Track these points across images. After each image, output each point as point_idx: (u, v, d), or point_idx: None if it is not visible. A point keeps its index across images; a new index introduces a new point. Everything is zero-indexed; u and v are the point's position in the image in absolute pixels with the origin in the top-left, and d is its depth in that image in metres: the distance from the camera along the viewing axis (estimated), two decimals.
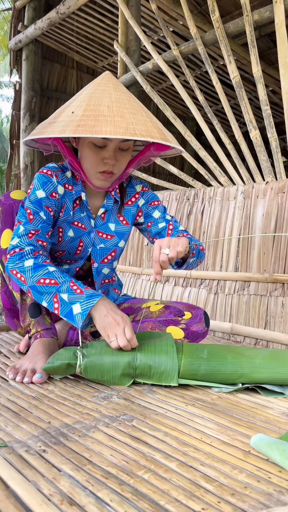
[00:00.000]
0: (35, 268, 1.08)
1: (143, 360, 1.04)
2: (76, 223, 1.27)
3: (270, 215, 1.81)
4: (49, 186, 1.19)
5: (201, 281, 2.06)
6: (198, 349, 1.09)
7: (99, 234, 1.31)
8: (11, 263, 1.10)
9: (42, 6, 4.09)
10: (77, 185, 1.25)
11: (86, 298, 1.04)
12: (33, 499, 0.55)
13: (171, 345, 1.08)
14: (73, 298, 1.04)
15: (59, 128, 1.04)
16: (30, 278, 1.07)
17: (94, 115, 1.03)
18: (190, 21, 2.39)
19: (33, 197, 1.17)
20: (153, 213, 1.37)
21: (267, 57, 4.36)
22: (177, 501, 0.56)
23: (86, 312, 1.02)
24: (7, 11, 8.64)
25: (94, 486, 0.59)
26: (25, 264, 1.09)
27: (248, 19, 2.08)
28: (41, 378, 1.06)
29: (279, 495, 0.58)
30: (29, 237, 1.13)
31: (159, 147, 1.23)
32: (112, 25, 3.80)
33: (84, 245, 1.30)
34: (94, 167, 1.15)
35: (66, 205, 1.24)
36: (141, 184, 1.38)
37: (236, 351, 1.10)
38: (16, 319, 1.39)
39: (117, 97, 1.09)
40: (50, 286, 1.06)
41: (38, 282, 1.07)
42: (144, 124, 1.06)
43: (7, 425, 0.79)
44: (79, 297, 1.04)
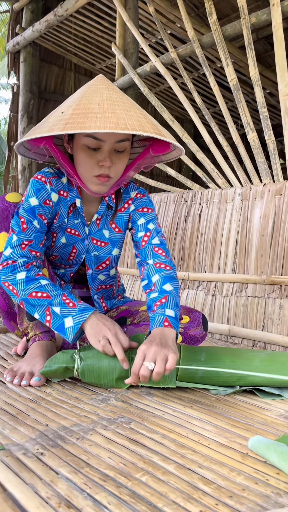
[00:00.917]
0: (27, 282, 1.07)
1: None
2: (69, 230, 1.24)
3: (267, 217, 1.81)
4: (42, 194, 1.15)
5: (199, 283, 2.06)
6: (196, 352, 1.09)
7: (94, 241, 1.28)
8: (3, 275, 1.09)
9: (40, 8, 4.10)
10: (73, 191, 1.21)
11: (78, 312, 1.03)
12: (30, 502, 0.54)
13: None
14: (66, 312, 1.03)
15: (47, 128, 1.01)
16: (22, 291, 1.06)
17: (84, 113, 0.98)
18: (187, 24, 2.40)
19: (26, 204, 1.14)
20: (138, 219, 1.28)
21: (264, 59, 4.38)
22: (175, 503, 0.56)
23: (78, 326, 1.01)
24: (5, 13, 8.64)
25: (92, 488, 0.58)
26: (17, 276, 1.07)
27: (245, 22, 2.09)
28: (39, 381, 1.05)
29: (276, 497, 0.58)
30: (22, 248, 1.11)
31: (158, 148, 1.17)
32: (110, 27, 3.81)
33: (77, 251, 1.28)
34: (89, 171, 1.10)
35: (61, 212, 1.21)
36: (137, 191, 1.31)
37: (234, 354, 1.10)
38: (13, 321, 1.39)
39: (109, 96, 1.04)
40: (42, 299, 1.05)
41: (30, 295, 1.06)
42: (137, 119, 1.00)
43: (5, 428, 0.78)
44: (72, 310, 1.03)
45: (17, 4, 4.01)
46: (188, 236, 2.16)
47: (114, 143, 1.07)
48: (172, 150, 1.21)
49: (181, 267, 2.17)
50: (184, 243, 2.17)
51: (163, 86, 4.76)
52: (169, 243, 2.26)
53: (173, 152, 1.23)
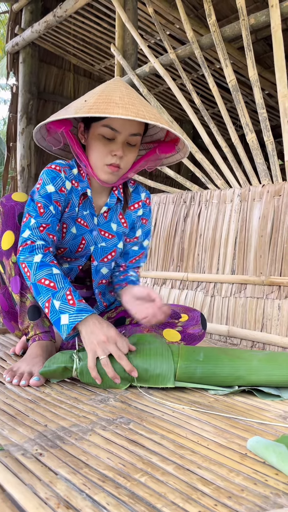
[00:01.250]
0: (41, 266, 1.09)
1: (139, 364, 1.04)
2: (79, 220, 1.27)
3: (266, 218, 1.82)
4: (58, 181, 1.19)
5: (197, 284, 2.06)
6: (195, 351, 1.09)
7: (101, 233, 1.31)
8: (23, 256, 1.11)
9: (39, 9, 4.10)
10: (83, 181, 1.25)
11: (76, 311, 1.03)
12: (29, 503, 0.54)
13: (166, 348, 1.07)
14: (64, 308, 1.03)
15: (73, 111, 1.08)
16: (34, 275, 1.08)
17: (106, 101, 1.06)
18: (186, 25, 2.40)
19: (43, 191, 1.17)
20: (137, 230, 1.38)
21: (263, 60, 4.38)
22: (174, 504, 0.56)
23: (72, 326, 1.01)
24: (4, 14, 8.64)
25: (91, 489, 0.58)
26: (34, 259, 1.10)
27: (244, 23, 2.09)
28: (38, 381, 1.05)
29: (275, 497, 0.58)
30: (40, 230, 1.14)
31: (164, 149, 1.25)
32: (109, 28, 3.81)
33: (86, 243, 1.30)
34: (101, 159, 1.16)
35: (72, 201, 1.25)
36: (146, 193, 1.39)
37: (233, 354, 1.10)
38: (13, 321, 1.38)
39: (128, 92, 1.12)
40: (48, 289, 1.06)
41: (39, 281, 1.07)
42: (153, 114, 1.09)
43: (4, 428, 0.78)
44: (70, 308, 1.03)
45: (16, 4, 4.01)
46: (187, 236, 2.16)
47: (128, 135, 1.15)
48: (176, 152, 1.28)
49: (180, 267, 2.17)
50: (183, 244, 2.17)
51: (162, 87, 4.77)
52: (167, 244, 2.26)
53: (176, 155, 1.30)
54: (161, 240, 2.30)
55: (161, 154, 1.26)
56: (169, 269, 2.23)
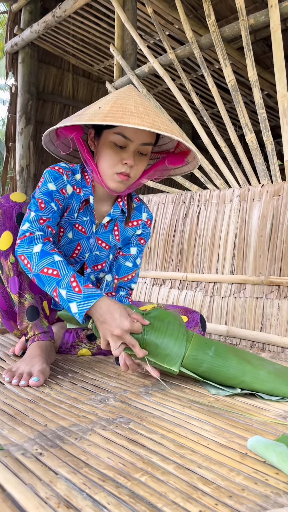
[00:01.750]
0: (41, 255, 1.07)
1: (152, 338, 1.03)
2: (77, 225, 1.27)
3: (265, 218, 1.82)
4: (60, 182, 1.19)
5: (197, 284, 2.06)
6: (207, 344, 1.07)
7: (98, 242, 1.32)
8: (21, 248, 1.10)
9: (38, 9, 4.10)
10: (87, 188, 1.25)
11: (83, 298, 1.01)
12: (29, 502, 0.54)
13: (182, 332, 1.06)
14: (71, 297, 1.02)
15: (87, 117, 1.06)
16: (36, 265, 1.06)
17: (121, 110, 1.05)
18: (186, 25, 2.40)
19: (44, 188, 1.17)
20: (132, 247, 1.38)
21: (262, 61, 4.39)
22: (174, 503, 0.56)
23: (83, 314, 1.00)
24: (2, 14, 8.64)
25: (91, 489, 0.58)
26: (33, 249, 1.08)
27: (243, 24, 2.09)
28: (38, 381, 1.05)
29: (276, 497, 0.58)
30: (40, 223, 1.13)
31: (174, 160, 1.24)
32: (108, 28, 3.81)
33: (81, 249, 1.29)
34: (112, 168, 1.15)
35: (72, 206, 1.24)
36: (148, 215, 1.39)
37: (243, 357, 1.08)
38: (12, 321, 1.38)
39: (142, 102, 1.12)
40: (52, 278, 1.04)
41: (42, 271, 1.06)
42: (168, 125, 1.08)
43: (3, 428, 0.78)
44: (77, 296, 1.02)
45: (16, 5, 4.01)
46: (186, 237, 2.16)
47: (140, 144, 1.14)
48: (185, 164, 1.27)
49: (179, 268, 2.17)
50: (183, 244, 2.17)
51: (161, 87, 4.77)
52: (167, 244, 2.26)
53: (184, 167, 1.29)
54: (160, 240, 2.30)
55: (170, 165, 1.25)
56: (168, 269, 2.23)
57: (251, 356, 1.11)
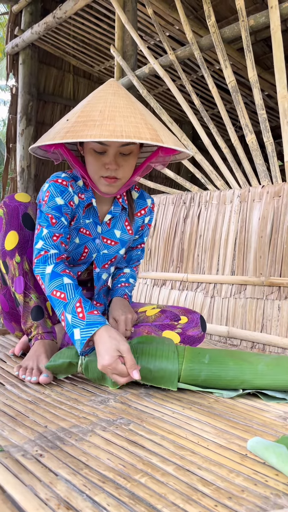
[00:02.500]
0: (52, 277, 1.08)
1: (143, 363, 1.04)
2: (82, 229, 1.27)
3: (266, 218, 1.82)
4: (66, 195, 1.19)
5: (197, 285, 2.06)
6: (200, 353, 1.08)
7: (104, 240, 1.32)
8: (37, 268, 1.11)
9: (38, 10, 4.10)
10: (88, 191, 1.26)
11: (86, 325, 1.00)
12: (29, 504, 0.54)
13: (172, 350, 1.07)
14: (75, 322, 1.02)
15: (51, 136, 1.06)
16: (48, 287, 1.08)
17: (84, 121, 1.02)
18: (186, 26, 2.41)
19: (52, 203, 1.17)
20: (145, 237, 1.46)
21: (262, 62, 4.39)
22: (174, 505, 0.56)
23: (84, 341, 0.99)
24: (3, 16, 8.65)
25: (91, 490, 0.58)
26: (46, 270, 1.10)
27: (244, 24, 2.09)
28: (47, 377, 1.06)
29: (276, 498, 0.58)
30: (53, 240, 1.14)
31: (167, 150, 1.21)
32: (108, 29, 3.81)
33: (88, 251, 1.30)
34: (97, 173, 1.15)
35: (78, 214, 1.25)
36: (151, 200, 1.42)
37: (239, 357, 1.08)
38: (14, 322, 1.39)
39: (113, 102, 1.07)
40: (60, 301, 1.05)
41: (52, 293, 1.07)
42: (134, 126, 1.02)
43: (4, 430, 0.78)
44: (80, 322, 1.01)
45: (16, 6, 4.02)
46: (186, 237, 2.16)
47: (119, 147, 1.11)
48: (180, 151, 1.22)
49: (179, 268, 2.17)
50: (183, 245, 2.17)
51: (161, 88, 4.77)
52: (167, 245, 2.26)
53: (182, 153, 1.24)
54: (161, 241, 2.30)
55: (165, 155, 1.22)
56: (169, 270, 2.23)
57: (247, 354, 1.12)
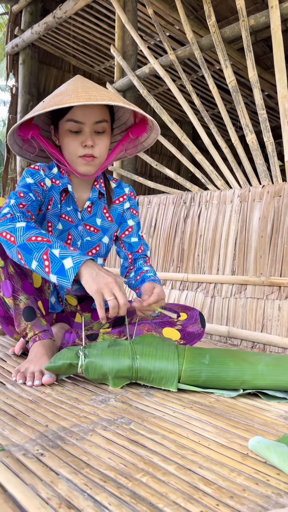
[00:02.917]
0: (27, 228, 1.05)
1: (143, 364, 1.04)
2: (63, 216, 1.31)
3: (266, 218, 1.82)
4: (37, 176, 1.25)
5: (198, 285, 2.06)
6: (200, 354, 1.08)
7: (86, 227, 1.36)
8: (2, 226, 1.07)
9: (38, 10, 4.10)
10: (63, 178, 1.30)
11: (79, 254, 1.01)
12: (31, 503, 0.54)
13: (172, 351, 1.07)
14: (65, 253, 1.00)
15: (30, 113, 1.14)
16: (21, 236, 1.03)
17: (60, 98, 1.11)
18: (186, 26, 2.41)
19: (22, 183, 1.22)
20: (128, 220, 1.44)
21: (263, 62, 4.39)
22: (175, 504, 0.56)
23: (78, 265, 0.98)
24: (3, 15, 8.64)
25: (92, 489, 0.58)
26: (17, 225, 1.06)
27: (244, 24, 2.09)
28: (51, 378, 1.05)
29: (277, 497, 0.58)
30: (19, 207, 1.14)
31: (137, 130, 1.30)
32: (108, 29, 3.82)
33: (72, 237, 1.34)
34: (74, 153, 1.20)
35: (54, 198, 1.29)
36: (129, 188, 1.46)
37: (239, 357, 1.08)
38: (11, 325, 1.38)
39: (83, 85, 1.17)
40: (41, 243, 1.02)
41: (29, 239, 1.03)
42: (107, 96, 1.12)
43: (4, 429, 0.78)
44: (72, 252, 1.01)
45: (16, 6, 4.02)
46: (187, 237, 2.16)
47: (93, 124, 1.19)
48: (149, 131, 1.33)
49: (180, 268, 2.17)
50: (183, 245, 2.17)
51: (162, 88, 4.77)
52: (167, 245, 2.26)
53: (151, 135, 1.34)
54: (161, 241, 2.30)
55: (135, 136, 1.30)
56: (169, 270, 2.23)
57: (247, 354, 1.12)
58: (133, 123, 1.34)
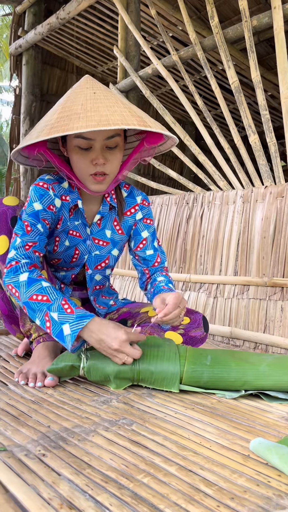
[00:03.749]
0: (29, 283, 1.05)
1: (145, 365, 1.04)
2: (71, 231, 1.25)
3: (269, 219, 1.81)
4: (46, 199, 1.16)
5: (200, 285, 2.06)
6: (202, 355, 1.08)
7: (95, 241, 1.29)
8: (7, 278, 1.09)
9: (42, 11, 4.12)
10: (73, 193, 1.23)
11: (76, 319, 1.00)
12: (32, 503, 0.55)
13: (174, 351, 1.07)
14: (63, 318, 1.01)
15: (35, 134, 1.04)
16: (24, 293, 1.05)
17: (68, 115, 1.01)
18: (189, 27, 2.41)
19: (29, 209, 1.14)
20: (142, 231, 1.34)
21: (266, 62, 4.38)
22: (176, 505, 0.56)
23: (75, 334, 0.99)
24: (7, 16, 8.67)
25: (94, 490, 0.59)
26: (20, 278, 1.07)
27: (247, 25, 2.09)
28: (53, 381, 1.05)
29: (278, 499, 0.58)
30: (25, 249, 1.11)
31: (152, 140, 1.19)
32: (111, 30, 3.82)
33: (80, 252, 1.29)
34: (84, 171, 1.12)
35: (64, 216, 1.23)
36: (142, 196, 1.35)
37: (241, 358, 1.08)
38: (14, 324, 1.39)
39: (92, 95, 1.06)
40: (41, 304, 1.03)
41: (31, 298, 1.04)
42: (120, 114, 1.01)
43: (7, 429, 0.79)
44: (69, 317, 1.01)
45: (20, 7, 4.03)
46: (189, 238, 2.16)
47: (104, 140, 1.09)
48: (166, 140, 1.22)
49: (182, 269, 2.17)
50: (186, 245, 2.17)
51: (164, 88, 4.77)
52: (170, 245, 2.26)
53: (168, 141, 1.23)
54: (163, 242, 2.30)
55: (150, 145, 1.19)
56: (171, 271, 2.23)
57: (249, 355, 1.11)
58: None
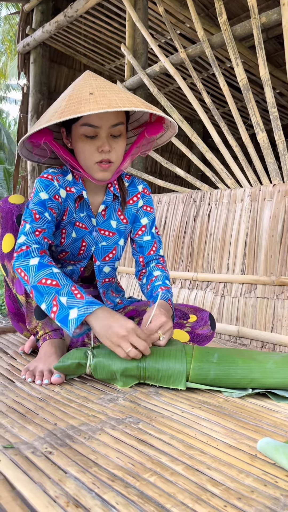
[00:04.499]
0: (39, 267, 1.06)
1: (151, 363, 1.04)
2: (77, 223, 1.27)
3: (277, 217, 1.80)
4: (51, 189, 1.18)
5: (207, 284, 2.05)
6: (209, 353, 1.08)
7: (101, 232, 1.31)
8: (17, 262, 1.09)
9: (50, 9, 4.12)
10: (78, 184, 1.24)
11: (85, 304, 1.00)
12: (39, 501, 0.55)
13: (180, 349, 1.07)
14: (72, 303, 1.00)
15: (45, 120, 1.06)
16: (33, 277, 1.05)
17: (77, 101, 1.03)
18: (197, 24, 2.39)
19: (36, 199, 1.16)
20: (142, 218, 1.36)
21: (274, 59, 4.35)
22: (183, 504, 0.56)
23: (82, 318, 0.98)
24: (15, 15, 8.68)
25: (100, 488, 0.58)
26: (30, 262, 1.07)
27: (255, 22, 2.08)
28: (60, 378, 1.06)
29: (286, 499, 0.58)
30: (35, 235, 1.12)
31: (152, 130, 1.22)
32: (119, 28, 3.81)
33: (86, 244, 1.30)
34: (90, 159, 1.14)
35: (69, 207, 1.24)
36: (143, 185, 1.38)
37: (248, 356, 1.08)
38: (21, 322, 1.39)
39: (98, 85, 1.09)
40: (51, 287, 1.03)
41: (40, 282, 1.04)
42: (127, 99, 1.05)
43: (14, 427, 0.79)
44: (78, 302, 1.00)
45: (27, 5, 4.03)
46: (197, 236, 2.15)
47: (109, 127, 1.12)
48: (165, 130, 1.25)
49: (189, 267, 2.17)
50: (193, 244, 2.17)
51: (172, 86, 4.76)
52: (177, 244, 2.26)
53: (167, 133, 1.26)
54: (170, 240, 2.30)
55: (150, 136, 1.23)
56: (178, 269, 2.22)
57: (255, 353, 1.11)
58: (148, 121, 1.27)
